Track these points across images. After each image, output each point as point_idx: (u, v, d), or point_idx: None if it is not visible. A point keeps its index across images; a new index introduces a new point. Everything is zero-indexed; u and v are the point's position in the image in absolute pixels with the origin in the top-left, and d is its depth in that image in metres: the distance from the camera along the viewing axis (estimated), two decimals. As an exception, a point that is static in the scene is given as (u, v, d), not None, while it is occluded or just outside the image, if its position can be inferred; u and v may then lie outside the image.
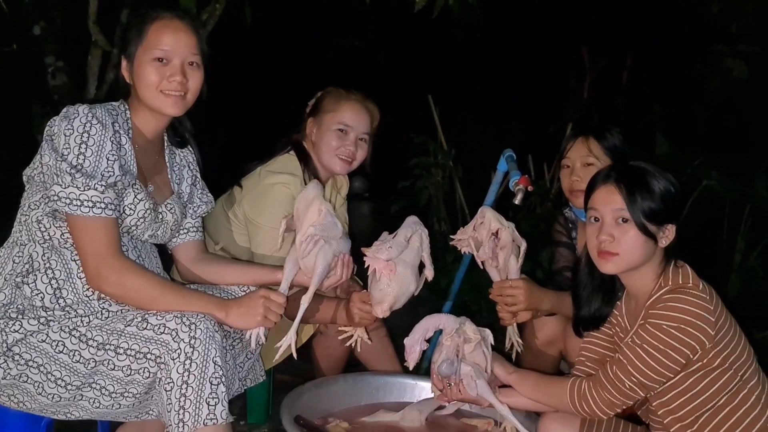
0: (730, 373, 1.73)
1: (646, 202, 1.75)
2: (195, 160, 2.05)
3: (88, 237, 1.70)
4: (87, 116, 1.70)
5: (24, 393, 1.70)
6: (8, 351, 1.67)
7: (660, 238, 1.77)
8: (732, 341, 1.74)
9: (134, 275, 1.73)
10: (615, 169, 1.83)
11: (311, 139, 2.40)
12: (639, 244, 1.76)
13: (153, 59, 1.80)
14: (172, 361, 1.62)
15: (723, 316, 1.74)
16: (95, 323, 1.71)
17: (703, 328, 1.69)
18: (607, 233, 1.77)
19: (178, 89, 1.82)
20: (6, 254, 1.79)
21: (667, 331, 1.69)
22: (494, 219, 2.22)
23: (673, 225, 1.78)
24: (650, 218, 1.75)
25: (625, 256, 1.77)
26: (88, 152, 1.68)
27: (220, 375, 1.64)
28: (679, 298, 1.71)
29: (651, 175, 1.79)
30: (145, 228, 1.83)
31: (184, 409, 1.61)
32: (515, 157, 2.59)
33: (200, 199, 2.04)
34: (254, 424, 2.47)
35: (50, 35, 3.65)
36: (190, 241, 2.02)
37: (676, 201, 1.78)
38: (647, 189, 1.76)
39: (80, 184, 1.67)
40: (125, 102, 1.86)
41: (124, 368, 1.66)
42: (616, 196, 1.77)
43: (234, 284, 1.98)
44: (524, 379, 1.97)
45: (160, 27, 1.82)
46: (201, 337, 1.64)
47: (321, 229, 1.88)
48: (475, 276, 3.78)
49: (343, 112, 2.35)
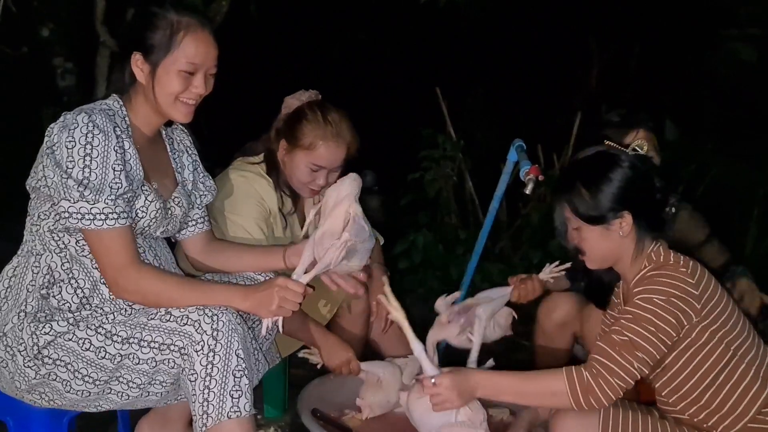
0: (721, 348, 1.74)
1: (583, 207, 1.81)
2: (191, 142, 2.02)
3: (103, 249, 1.70)
4: (87, 126, 1.67)
5: (54, 391, 1.72)
6: (38, 354, 1.69)
7: (616, 229, 1.81)
8: (722, 316, 1.76)
9: (152, 281, 1.73)
10: (557, 184, 1.89)
11: (282, 158, 2.31)
12: (597, 242, 1.83)
13: (181, 71, 1.78)
14: (196, 353, 1.64)
15: (710, 290, 1.76)
16: (119, 319, 1.73)
17: (689, 302, 1.72)
18: (572, 239, 1.89)
19: (196, 99, 1.82)
20: (23, 264, 1.79)
21: (657, 303, 1.71)
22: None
23: (628, 212, 1.80)
24: (593, 220, 1.81)
25: (593, 254, 1.86)
26: (93, 164, 1.66)
27: (243, 367, 1.65)
28: (663, 274, 1.75)
29: (589, 174, 1.82)
30: (157, 226, 1.84)
31: (208, 402, 1.63)
32: (525, 147, 2.58)
33: (204, 186, 2.02)
34: (271, 418, 2.49)
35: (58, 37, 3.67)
36: (199, 233, 2.01)
37: (620, 191, 1.79)
38: (582, 194, 1.81)
39: (90, 199, 1.66)
40: (119, 99, 1.82)
41: (149, 360, 1.67)
42: (564, 210, 1.86)
43: (248, 271, 1.98)
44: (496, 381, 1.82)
45: (192, 40, 1.78)
46: (223, 329, 1.65)
47: (355, 234, 1.84)
48: (487, 268, 3.80)
49: (319, 154, 2.23)
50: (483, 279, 3.71)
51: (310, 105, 2.29)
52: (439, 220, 4.28)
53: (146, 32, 1.79)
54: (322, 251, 1.86)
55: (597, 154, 1.88)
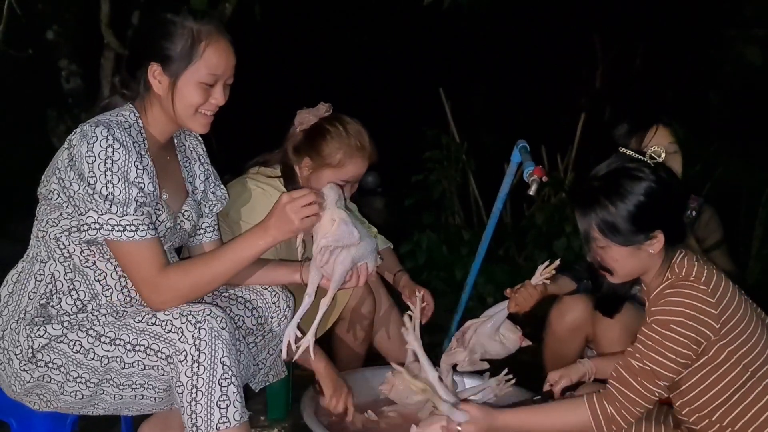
0: (738, 369, 1.70)
1: (615, 229, 1.72)
2: (204, 150, 1.98)
3: (134, 263, 1.67)
4: (107, 139, 1.63)
5: (50, 393, 1.72)
6: (33, 357, 1.69)
7: (647, 248, 1.74)
8: (742, 335, 1.71)
9: (182, 278, 1.70)
10: (580, 200, 1.79)
11: (302, 173, 2.31)
12: (626, 261, 1.77)
13: (201, 82, 1.73)
14: (180, 364, 1.62)
15: (732, 308, 1.70)
16: (110, 320, 1.72)
17: (706, 321, 1.67)
18: (595, 256, 1.81)
19: (215, 110, 1.79)
20: (28, 269, 1.77)
21: (675, 329, 1.67)
22: None
23: (659, 231, 1.73)
24: (625, 241, 1.74)
25: (621, 272, 1.80)
26: (115, 179, 1.63)
27: (230, 375, 1.62)
28: (678, 292, 1.69)
29: (618, 193, 1.72)
30: (165, 242, 1.81)
31: (196, 414, 1.61)
32: (528, 147, 2.58)
33: (214, 195, 1.98)
34: (275, 420, 2.49)
35: (63, 39, 3.68)
36: (208, 242, 1.97)
37: (653, 210, 1.72)
38: (613, 214, 1.71)
39: (117, 211, 1.64)
40: (135, 109, 1.77)
41: (136, 364, 1.66)
42: (592, 230, 1.76)
43: (262, 284, 1.94)
44: (522, 420, 1.80)
45: (214, 50, 1.73)
46: (206, 338, 1.62)
47: (334, 239, 1.84)
48: (491, 269, 3.80)
49: (347, 170, 2.25)
50: (487, 280, 3.71)
51: (330, 121, 2.28)
52: (443, 221, 4.28)
53: (164, 42, 1.72)
54: (326, 265, 1.86)
55: (622, 170, 1.76)
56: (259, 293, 1.93)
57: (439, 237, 4.01)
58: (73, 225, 1.71)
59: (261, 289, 1.93)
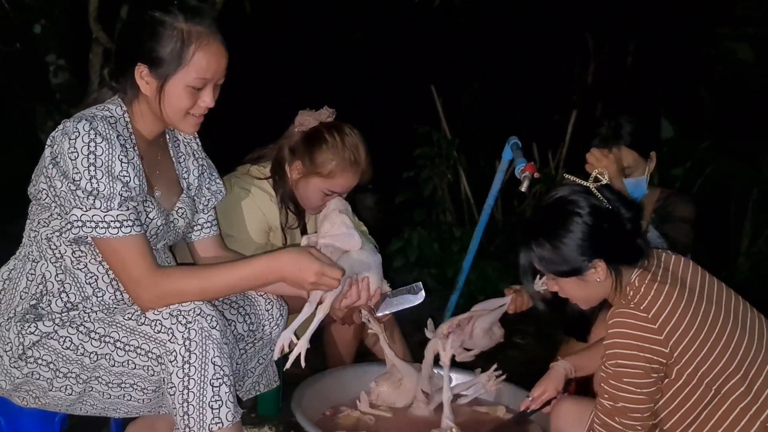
0: (702, 389, 1.69)
1: (552, 263, 1.76)
2: (199, 145, 1.93)
3: (120, 261, 1.63)
4: (89, 134, 1.59)
5: (39, 389, 1.70)
6: (23, 354, 1.67)
7: (592, 277, 1.75)
8: (700, 352, 1.68)
9: (171, 282, 1.65)
10: (522, 235, 1.83)
11: (292, 176, 2.29)
12: (576, 291, 1.81)
13: (190, 86, 1.68)
14: (170, 364, 1.60)
15: (684, 326, 1.68)
16: (100, 316, 1.70)
17: (653, 349, 1.67)
18: (550, 288, 1.86)
19: (204, 111, 1.75)
20: (20, 268, 1.75)
21: (625, 364, 1.68)
22: None
23: (599, 259, 1.73)
24: (565, 274, 1.77)
25: (576, 300, 1.84)
26: (98, 174, 1.59)
27: (222, 375, 1.60)
28: (619, 322, 1.71)
29: (552, 228, 1.75)
30: (158, 240, 1.79)
31: (188, 415, 1.59)
32: (520, 144, 2.58)
33: (209, 190, 1.94)
34: (265, 416, 2.48)
35: (51, 33, 3.64)
36: (206, 238, 1.94)
37: (585, 242, 1.73)
38: (548, 249, 1.75)
39: (103, 208, 1.60)
40: (122, 103, 1.72)
41: (125, 363, 1.64)
42: (535, 263, 1.80)
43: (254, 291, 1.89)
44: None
45: (204, 54, 1.67)
46: (196, 338, 1.59)
47: (332, 240, 1.84)
48: (482, 266, 3.80)
49: (336, 182, 2.22)
50: (478, 277, 3.71)
51: (329, 129, 2.25)
52: (434, 218, 4.28)
53: (152, 43, 1.66)
54: None
55: (556, 204, 1.79)
56: (253, 300, 1.89)
57: (430, 234, 4.00)
58: (63, 226, 1.69)
59: (255, 296, 1.89)
